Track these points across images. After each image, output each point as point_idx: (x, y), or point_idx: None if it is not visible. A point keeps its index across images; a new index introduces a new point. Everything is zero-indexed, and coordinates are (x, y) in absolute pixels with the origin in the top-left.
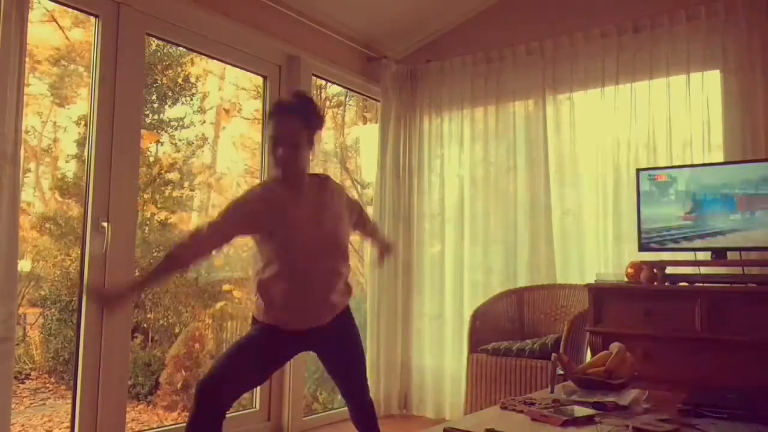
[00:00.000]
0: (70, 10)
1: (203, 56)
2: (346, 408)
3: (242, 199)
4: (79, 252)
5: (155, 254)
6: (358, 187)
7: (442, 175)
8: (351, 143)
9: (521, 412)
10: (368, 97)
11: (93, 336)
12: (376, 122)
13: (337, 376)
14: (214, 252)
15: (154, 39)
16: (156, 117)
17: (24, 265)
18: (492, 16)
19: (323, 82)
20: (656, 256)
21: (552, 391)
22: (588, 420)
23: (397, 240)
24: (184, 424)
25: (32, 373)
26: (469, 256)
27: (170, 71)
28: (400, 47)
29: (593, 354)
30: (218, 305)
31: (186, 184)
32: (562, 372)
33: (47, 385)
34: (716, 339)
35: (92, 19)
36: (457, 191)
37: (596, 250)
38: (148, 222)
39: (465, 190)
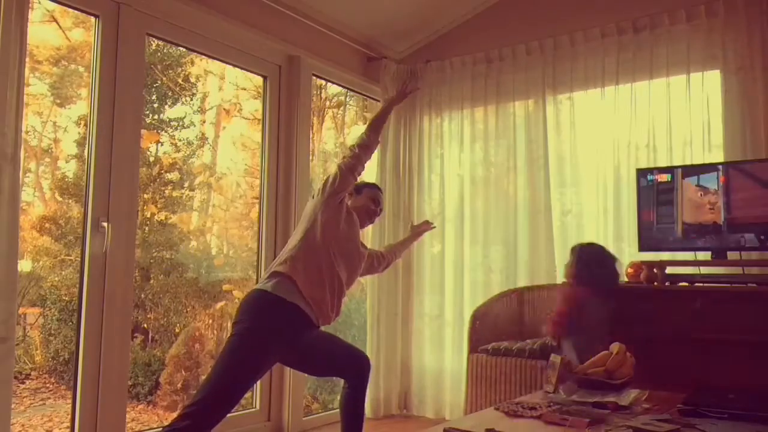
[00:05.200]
0: (70, 10)
1: (203, 56)
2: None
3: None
4: (79, 252)
5: (155, 254)
6: None
7: (442, 175)
8: (351, 143)
9: (521, 416)
10: (368, 97)
11: (93, 336)
12: None
13: (323, 370)
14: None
15: (154, 39)
16: (156, 117)
17: (24, 265)
18: (492, 16)
19: (323, 82)
20: (656, 256)
21: (555, 391)
22: (597, 421)
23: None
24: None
25: (32, 373)
26: (469, 256)
27: (170, 71)
28: (400, 47)
29: None
30: (218, 305)
31: (186, 184)
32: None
33: (47, 385)
34: (716, 339)
35: (92, 19)
36: (457, 191)
37: None
38: (148, 222)
39: (465, 190)
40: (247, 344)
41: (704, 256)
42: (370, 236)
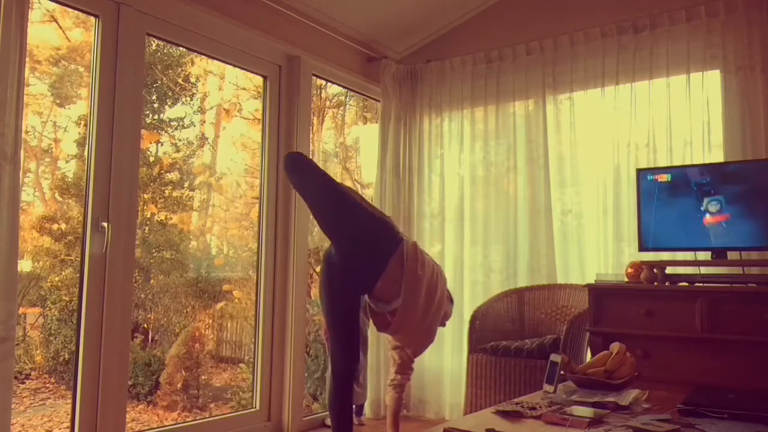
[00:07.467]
0: (70, 10)
1: (203, 56)
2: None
3: None
4: (79, 252)
5: (155, 254)
6: (358, 187)
7: (442, 175)
8: (351, 143)
9: (521, 417)
10: (368, 97)
11: (93, 336)
12: (376, 122)
13: None
14: None
15: (154, 39)
16: (156, 117)
17: (24, 265)
18: (492, 16)
19: (323, 82)
20: (656, 256)
21: (555, 391)
22: (597, 422)
23: None
24: (184, 424)
25: (32, 373)
26: (469, 256)
27: (170, 71)
28: (400, 47)
29: (593, 354)
30: (218, 305)
31: (186, 184)
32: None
33: (47, 385)
34: (716, 339)
35: (92, 19)
36: (458, 191)
37: (596, 250)
38: (148, 222)
39: (465, 190)
40: None
41: (704, 256)
42: None
